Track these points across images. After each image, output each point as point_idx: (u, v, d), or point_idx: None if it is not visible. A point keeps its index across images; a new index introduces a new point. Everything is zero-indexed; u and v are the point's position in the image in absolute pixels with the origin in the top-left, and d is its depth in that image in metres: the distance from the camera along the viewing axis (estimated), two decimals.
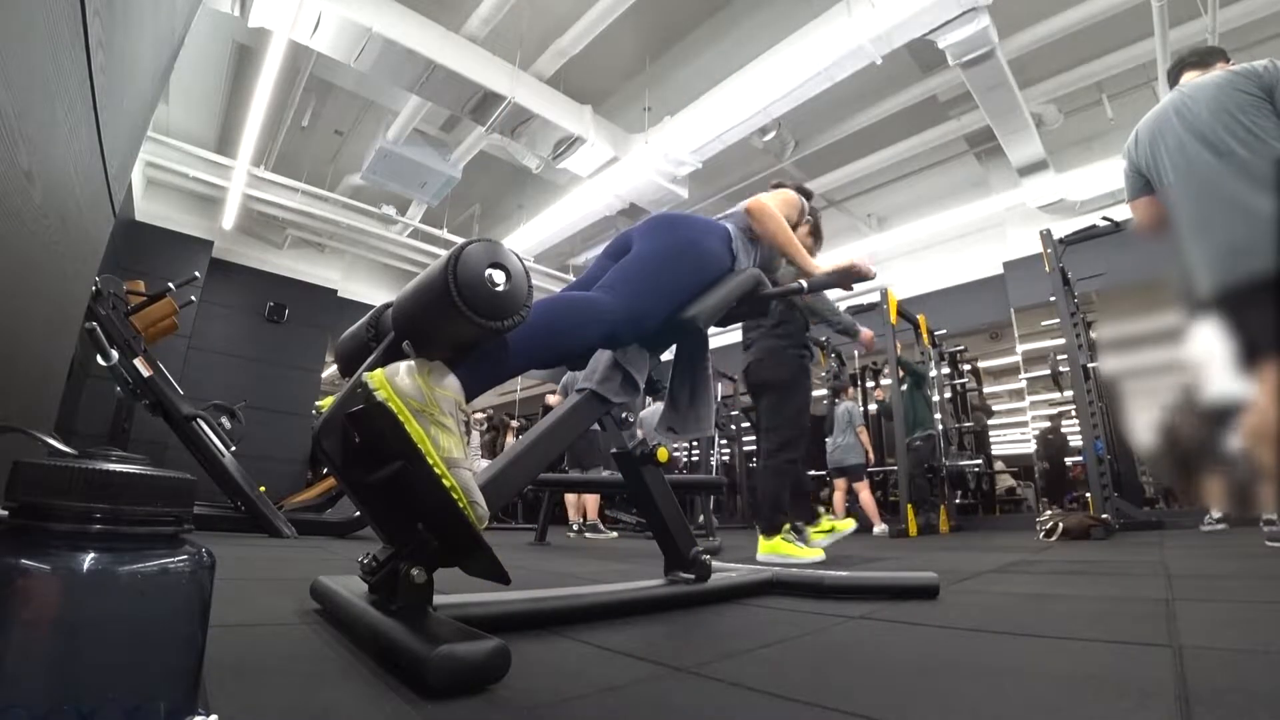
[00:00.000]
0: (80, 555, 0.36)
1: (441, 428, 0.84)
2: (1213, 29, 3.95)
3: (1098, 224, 4.53)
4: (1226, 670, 0.74)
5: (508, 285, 0.88)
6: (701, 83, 4.96)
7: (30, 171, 0.62)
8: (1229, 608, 1.25)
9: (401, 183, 6.00)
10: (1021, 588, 1.63)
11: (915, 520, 4.93)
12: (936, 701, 0.67)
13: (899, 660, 0.86)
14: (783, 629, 1.08)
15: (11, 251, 0.64)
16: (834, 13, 4.06)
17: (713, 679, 0.75)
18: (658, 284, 1.25)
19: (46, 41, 0.59)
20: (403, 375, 0.83)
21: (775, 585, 1.48)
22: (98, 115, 0.83)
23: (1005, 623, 1.12)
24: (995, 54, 4.13)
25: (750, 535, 5.54)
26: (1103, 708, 0.62)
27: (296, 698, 0.65)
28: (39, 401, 0.97)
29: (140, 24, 0.96)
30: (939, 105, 5.42)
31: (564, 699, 0.68)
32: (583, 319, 1.13)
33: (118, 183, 1.14)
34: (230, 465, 3.21)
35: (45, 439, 0.42)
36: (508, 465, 1.09)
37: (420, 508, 0.89)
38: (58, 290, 0.92)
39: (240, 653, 0.80)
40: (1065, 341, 4.60)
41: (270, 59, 4.30)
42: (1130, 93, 5.20)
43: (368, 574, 0.95)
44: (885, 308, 5.50)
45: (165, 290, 3.34)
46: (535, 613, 1.07)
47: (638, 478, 1.33)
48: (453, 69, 4.34)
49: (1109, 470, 4.25)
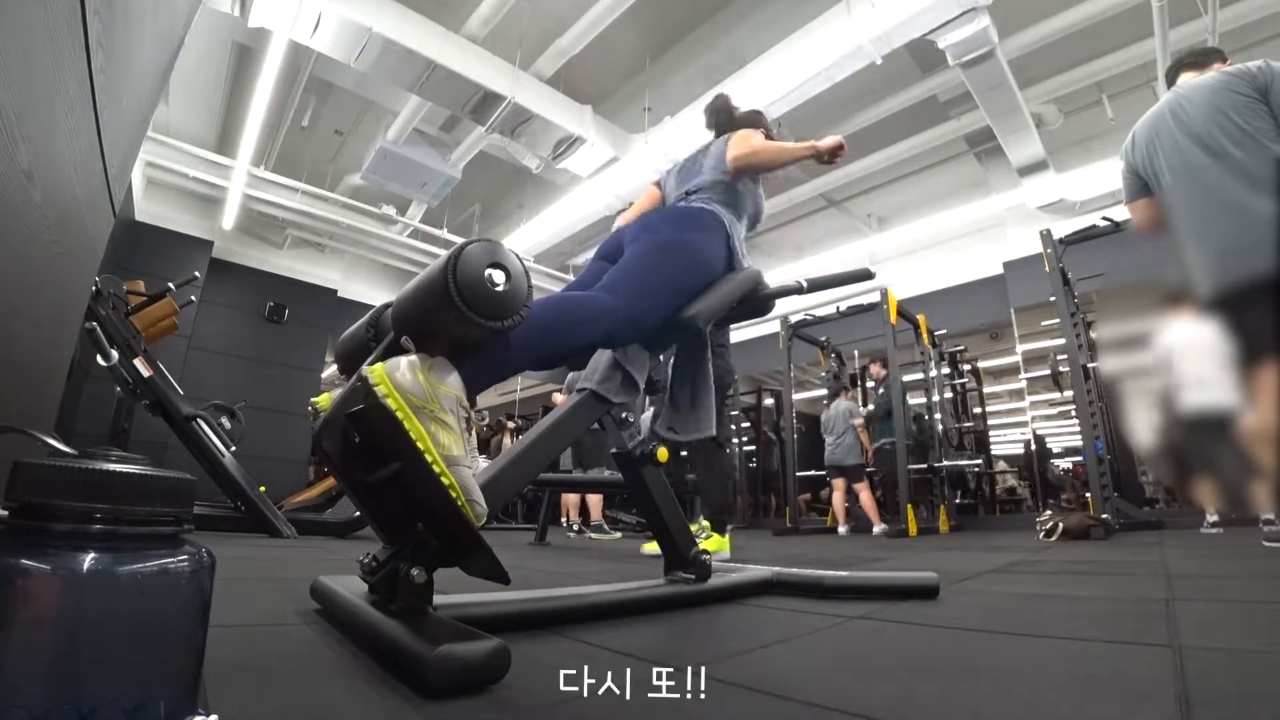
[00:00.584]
0: (80, 555, 0.36)
1: (442, 425, 0.83)
2: (1213, 29, 3.95)
3: (1098, 224, 4.53)
4: (1226, 670, 0.74)
5: (507, 285, 0.88)
6: (701, 83, 4.96)
7: (30, 171, 0.62)
8: (1229, 608, 1.25)
9: (401, 183, 6.00)
10: (1021, 588, 1.62)
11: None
12: (936, 701, 0.67)
13: (899, 660, 0.86)
14: (783, 629, 1.08)
15: (11, 251, 0.64)
16: (834, 13, 4.06)
17: (713, 679, 0.75)
18: (656, 284, 1.25)
19: (46, 41, 0.59)
20: (404, 371, 0.83)
21: (775, 585, 1.48)
22: (98, 115, 0.83)
23: (1005, 623, 1.12)
24: (995, 54, 4.13)
25: (751, 535, 5.56)
26: (1103, 708, 0.62)
27: (296, 698, 0.65)
28: (39, 401, 0.97)
29: (140, 24, 0.96)
30: (939, 105, 5.42)
31: (564, 699, 0.68)
32: (583, 319, 1.13)
33: (118, 183, 1.14)
34: (230, 465, 3.21)
35: (45, 439, 0.41)
36: (507, 465, 1.09)
37: (420, 507, 0.89)
38: (58, 290, 0.92)
39: (240, 653, 0.80)
40: (1065, 341, 4.60)
41: (270, 59, 4.30)
42: (1130, 93, 5.20)
43: (368, 574, 0.95)
44: (885, 308, 5.50)
45: (165, 290, 3.34)
46: (535, 613, 1.07)
47: (638, 478, 1.33)
48: (453, 69, 4.34)
49: (1109, 470, 4.25)
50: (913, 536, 4.73)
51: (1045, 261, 4.63)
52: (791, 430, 6.60)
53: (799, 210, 7.13)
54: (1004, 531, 5.08)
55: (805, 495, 7.52)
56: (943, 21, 3.83)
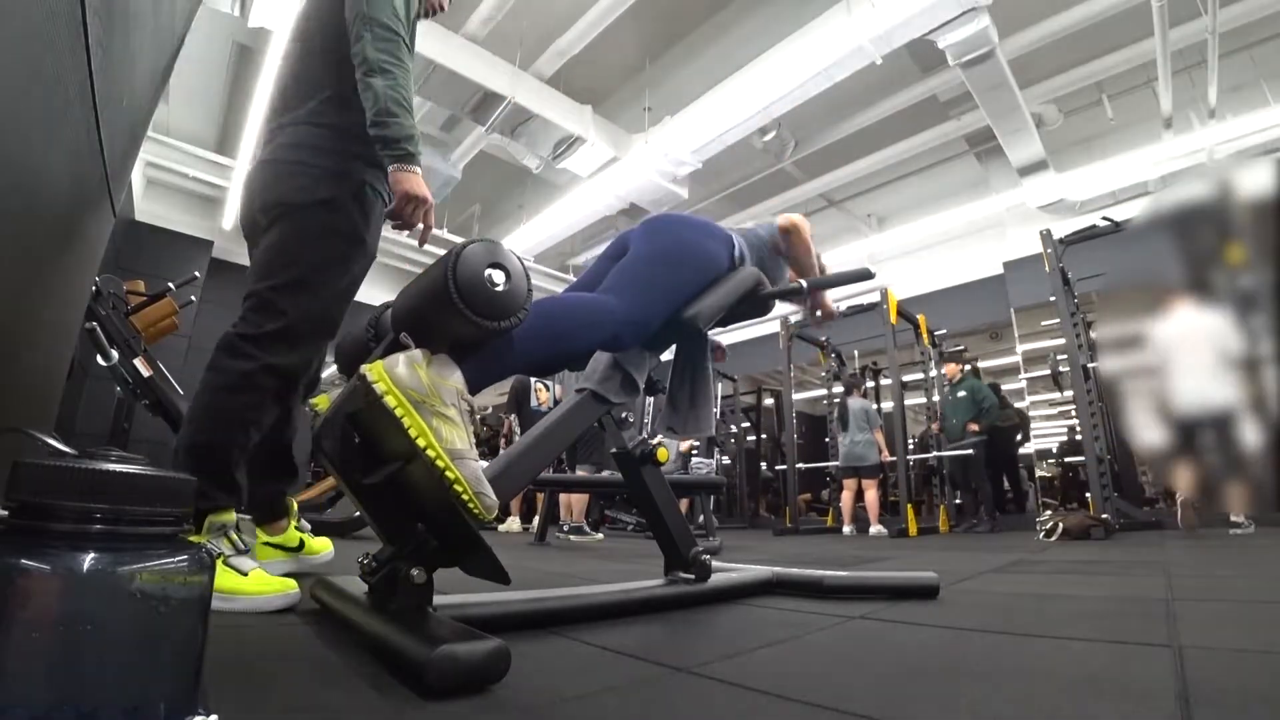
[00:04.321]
0: (80, 555, 0.36)
1: (444, 419, 0.82)
2: (1213, 29, 3.95)
3: (1098, 224, 4.54)
4: (1226, 670, 0.74)
5: (507, 285, 0.88)
6: (701, 83, 4.96)
7: (30, 172, 0.62)
8: (1229, 608, 1.25)
9: None
10: (1022, 587, 1.62)
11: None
12: (936, 701, 0.67)
13: (899, 660, 0.86)
14: (783, 629, 1.08)
15: (11, 251, 0.64)
16: (834, 13, 4.06)
17: (713, 679, 0.75)
18: (659, 285, 1.25)
19: (46, 41, 0.59)
20: (402, 366, 0.82)
21: (775, 585, 1.48)
22: (98, 115, 0.83)
23: (1005, 623, 1.12)
24: (995, 54, 4.13)
25: (751, 535, 5.55)
26: (1103, 708, 0.62)
27: (296, 698, 0.65)
28: (39, 401, 0.97)
29: (140, 24, 0.96)
30: (939, 105, 5.42)
31: (564, 699, 0.68)
32: (588, 322, 1.13)
33: (118, 183, 1.14)
34: None
35: (45, 439, 0.41)
36: (512, 461, 1.09)
37: (420, 504, 0.89)
38: (58, 290, 0.92)
39: (240, 653, 0.80)
40: (1065, 341, 4.60)
41: (270, 59, 4.29)
42: (1130, 93, 5.21)
43: (368, 574, 0.95)
44: (885, 308, 5.50)
45: (165, 290, 3.33)
46: (535, 613, 1.07)
47: (638, 478, 1.33)
48: (453, 69, 4.34)
49: (1109, 470, 4.25)
50: (913, 536, 4.73)
51: (1045, 261, 4.63)
52: (791, 430, 6.60)
53: (799, 210, 7.11)
54: (1004, 531, 5.08)
55: (805, 495, 7.52)
56: (943, 21, 3.83)
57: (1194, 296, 0.51)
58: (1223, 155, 4.83)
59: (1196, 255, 0.52)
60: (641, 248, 1.32)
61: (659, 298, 1.24)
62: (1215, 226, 0.49)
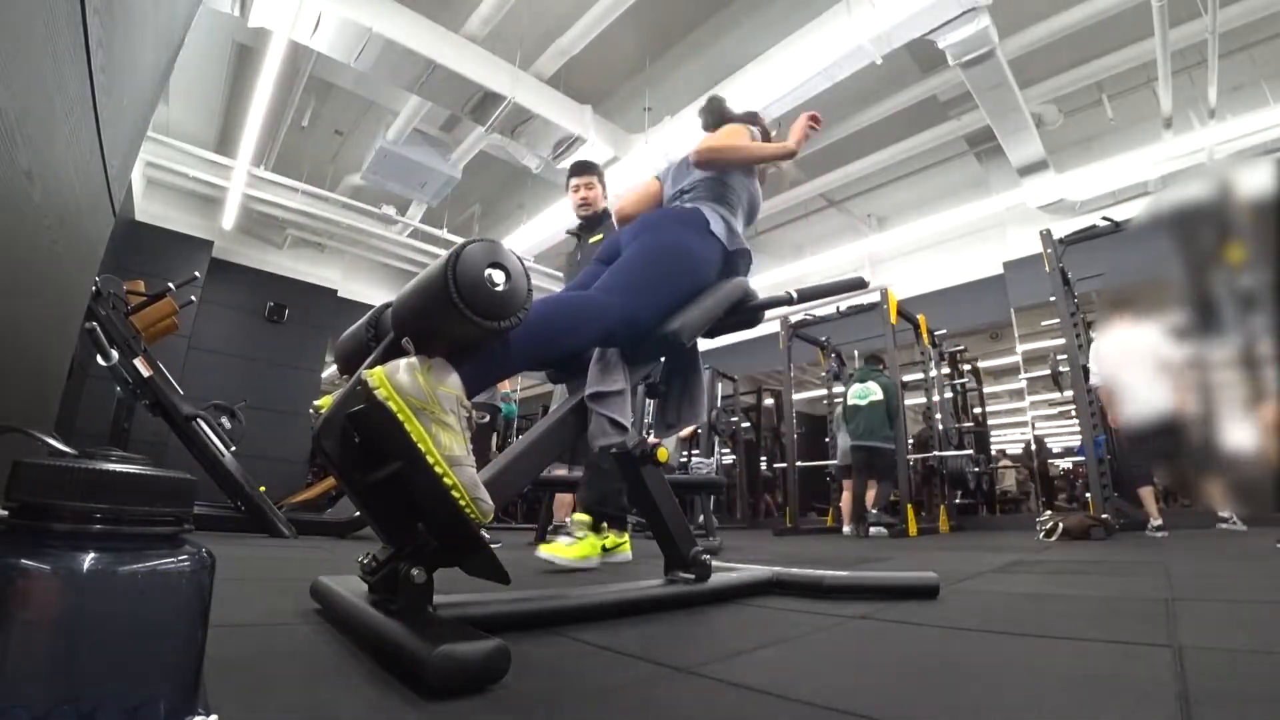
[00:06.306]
0: (80, 555, 0.36)
1: (443, 425, 0.83)
2: (1213, 29, 3.95)
3: (1097, 224, 4.54)
4: (1226, 670, 0.74)
5: (507, 285, 0.88)
6: (702, 83, 4.95)
7: (30, 171, 0.62)
8: (1229, 608, 1.25)
9: (401, 183, 6.00)
10: (1022, 587, 1.63)
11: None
12: (936, 701, 0.67)
13: (899, 660, 0.86)
14: (783, 629, 1.08)
15: (11, 251, 0.64)
16: (834, 13, 4.06)
17: (713, 679, 0.75)
18: (650, 283, 1.27)
19: (46, 41, 0.59)
20: (403, 372, 0.83)
21: (775, 585, 1.48)
22: (98, 115, 0.83)
23: (1005, 623, 1.12)
24: (995, 54, 4.13)
25: (751, 535, 5.55)
26: (1103, 708, 0.62)
27: (296, 698, 0.65)
28: (39, 401, 0.97)
29: (140, 24, 0.96)
30: (939, 105, 5.42)
31: (564, 699, 0.68)
32: (582, 318, 1.15)
33: (118, 183, 1.14)
34: (230, 465, 3.20)
35: (45, 439, 0.41)
36: (507, 466, 1.09)
37: (420, 507, 0.89)
38: (58, 290, 0.92)
39: (240, 653, 0.80)
40: (1065, 341, 4.60)
41: (270, 59, 4.30)
42: (1130, 93, 5.20)
43: (368, 574, 0.95)
44: (885, 308, 5.49)
45: (165, 290, 3.33)
46: (535, 613, 1.07)
47: (637, 478, 1.33)
48: (453, 69, 4.34)
49: (1109, 470, 4.25)
50: (913, 536, 4.73)
51: (1045, 261, 4.63)
52: (792, 430, 6.60)
53: (799, 210, 7.13)
54: (1004, 531, 5.08)
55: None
56: (943, 21, 3.83)
57: (1131, 315, 0.52)
58: (1223, 155, 4.83)
59: (1196, 255, 0.52)
60: (635, 246, 1.34)
61: (652, 294, 1.26)
62: (1215, 226, 0.49)
